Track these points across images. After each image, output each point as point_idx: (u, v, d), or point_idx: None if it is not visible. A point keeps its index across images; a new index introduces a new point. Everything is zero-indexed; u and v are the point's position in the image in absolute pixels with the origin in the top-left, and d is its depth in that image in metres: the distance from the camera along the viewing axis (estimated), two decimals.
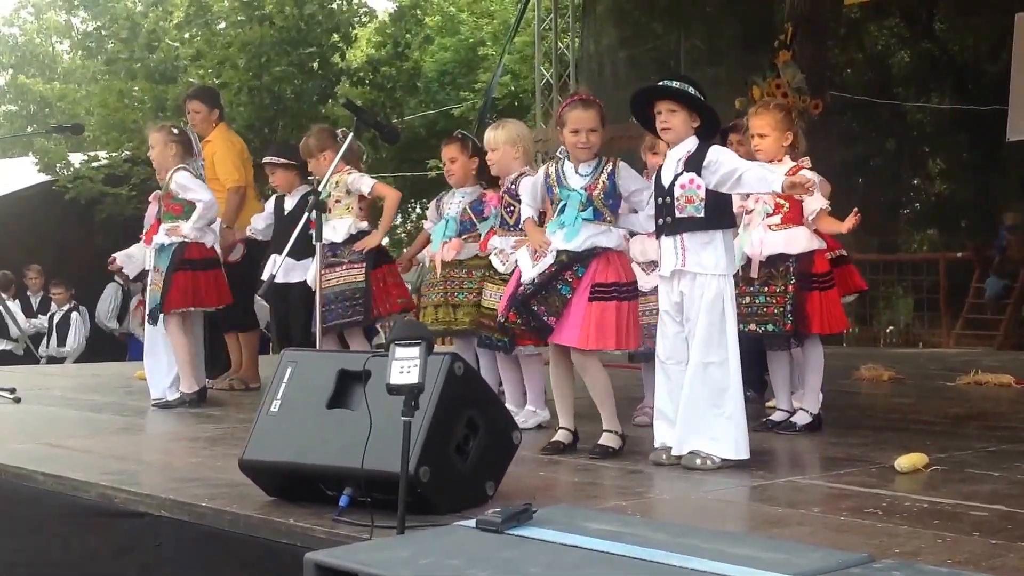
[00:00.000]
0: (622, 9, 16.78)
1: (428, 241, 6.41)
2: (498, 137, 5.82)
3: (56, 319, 13.56)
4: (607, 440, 5.01)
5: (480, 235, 6.02)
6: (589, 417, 5.17)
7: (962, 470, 4.60)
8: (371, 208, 7.03)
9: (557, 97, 16.49)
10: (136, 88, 16.78)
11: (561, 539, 2.70)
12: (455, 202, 6.19)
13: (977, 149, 18.11)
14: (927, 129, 19.93)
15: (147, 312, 7.09)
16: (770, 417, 5.79)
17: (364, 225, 6.70)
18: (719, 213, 4.69)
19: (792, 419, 5.68)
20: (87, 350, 13.59)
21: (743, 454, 4.62)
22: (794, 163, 5.63)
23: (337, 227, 6.62)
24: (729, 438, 4.59)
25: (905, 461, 4.53)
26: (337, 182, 6.67)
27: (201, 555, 3.91)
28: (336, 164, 6.19)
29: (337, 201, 6.69)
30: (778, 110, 5.76)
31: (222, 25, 18.05)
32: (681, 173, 4.68)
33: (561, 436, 5.13)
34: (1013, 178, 17.41)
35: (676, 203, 4.67)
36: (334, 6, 17.98)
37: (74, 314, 13.65)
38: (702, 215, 4.65)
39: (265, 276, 6.75)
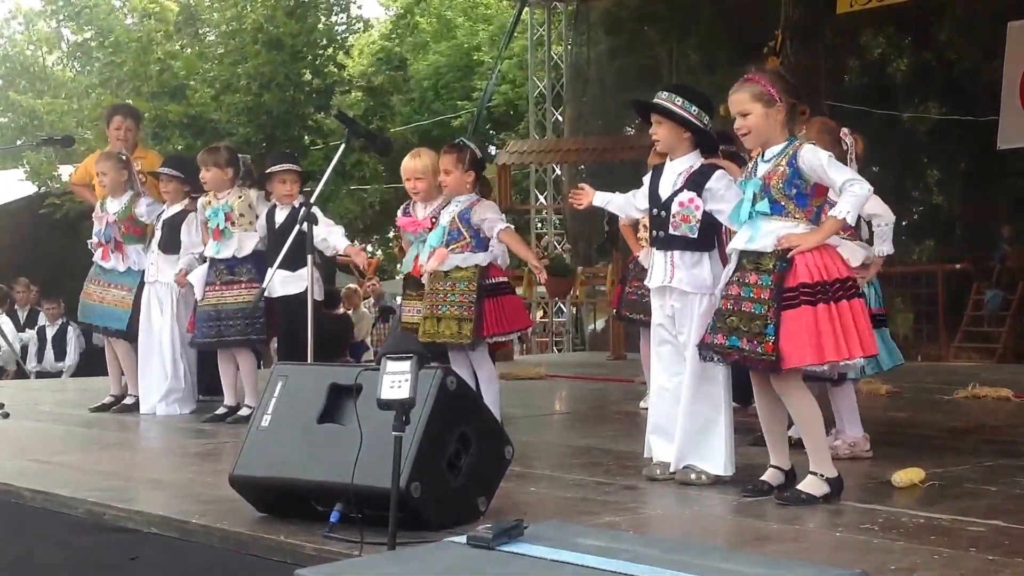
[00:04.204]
0: (615, 18, 16.80)
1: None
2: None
3: (51, 333, 13.47)
4: (808, 485, 4.25)
5: (468, 242, 5.98)
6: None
7: (959, 485, 4.57)
8: None
9: (550, 107, 16.49)
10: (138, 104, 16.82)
11: (552, 555, 2.67)
12: (449, 210, 6.13)
13: (974, 159, 18.10)
14: (924, 139, 19.92)
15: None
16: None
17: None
18: (710, 236, 4.64)
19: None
20: (84, 364, 13.52)
21: (730, 470, 4.59)
22: None
23: (243, 243, 6.80)
24: (721, 454, 4.57)
25: (902, 476, 4.50)
26: (241, 196, 6.86)
27: (190, 572, 3.86)
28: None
29: (241, 215, 6.84)
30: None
31: (211, 36, 18.10)
32: (681, 190, 4.61)
33: (769, 476, 4.41)
34: (1010, 188, 17.40)
35: (671, 219, 4.60)
36: (331, 19, 18.05)
37: (70, 328, 13.57)
38: (695, 236, 4.59)
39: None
